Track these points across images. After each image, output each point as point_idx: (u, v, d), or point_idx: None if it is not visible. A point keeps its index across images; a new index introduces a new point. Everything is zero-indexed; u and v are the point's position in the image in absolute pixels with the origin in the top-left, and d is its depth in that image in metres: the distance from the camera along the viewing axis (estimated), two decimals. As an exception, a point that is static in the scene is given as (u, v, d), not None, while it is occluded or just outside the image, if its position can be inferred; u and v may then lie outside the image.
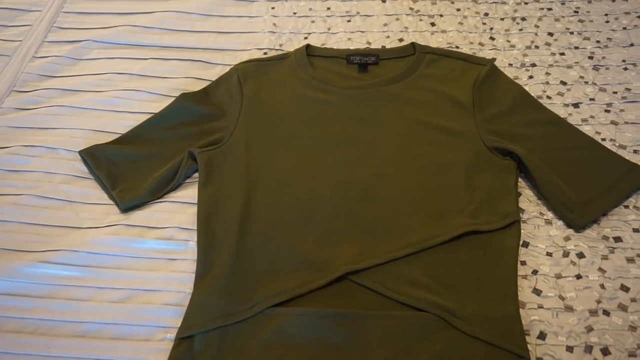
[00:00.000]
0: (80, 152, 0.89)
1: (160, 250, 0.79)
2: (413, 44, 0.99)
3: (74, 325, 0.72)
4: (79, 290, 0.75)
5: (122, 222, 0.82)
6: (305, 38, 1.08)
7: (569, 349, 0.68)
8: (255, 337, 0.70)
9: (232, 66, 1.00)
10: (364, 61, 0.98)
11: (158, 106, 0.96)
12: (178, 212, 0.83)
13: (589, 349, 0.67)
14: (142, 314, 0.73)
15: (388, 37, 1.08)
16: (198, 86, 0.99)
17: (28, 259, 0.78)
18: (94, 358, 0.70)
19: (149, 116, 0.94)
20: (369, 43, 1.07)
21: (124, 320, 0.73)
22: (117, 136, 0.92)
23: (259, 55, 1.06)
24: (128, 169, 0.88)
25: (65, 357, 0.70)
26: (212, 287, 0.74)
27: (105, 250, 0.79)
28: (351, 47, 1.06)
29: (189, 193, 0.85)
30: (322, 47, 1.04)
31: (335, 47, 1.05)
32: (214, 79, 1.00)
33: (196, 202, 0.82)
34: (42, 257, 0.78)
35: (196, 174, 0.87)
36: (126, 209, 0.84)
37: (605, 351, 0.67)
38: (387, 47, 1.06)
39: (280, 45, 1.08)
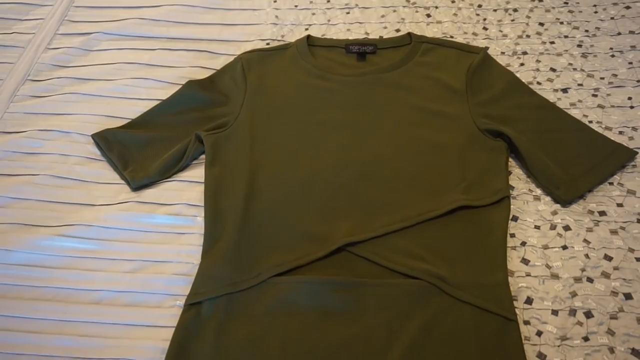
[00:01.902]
0: (93, 136, 0.94)
1: (169, 225, 0.84)
2: (409, 34, 1.03)
3: (88, 293, 0.77)
4: (93, 262, 0.80)
5: (134, 199, 0.86)
6: (306, 29, 1.13)
7: (554, 312, 0.72)
8: (259, 304, 0.74)
9: (236, 56, 1.05)
10: (363, 50, 1.02)
11: (166, 93, 1.00)
12: (186, 190, 0.88)
13: (573, 312, 0.72)
14: (153, 283, 0.78)
15: (385, 27, 1.12)
16: (204, 75, 1.04)
17: (45, 232, 0.83)
18: (108, 322, 0.74)
19: (157, 102, 0.99)
20: (367, 33, 1.12)
21: (136, 288, 0.77)
22: (127, 121, 0.97)
23: (261, 45, 1.10)
24: (138, 151, 0.92)
25: (80, 321, 0.74)
26: (218, 258, 0.78)
27: (118, 225, 0.83)
28: (350, 38, 1.10)
29: (196, 173, 0.90)
30: (322, 37, 1.09)
31: (334, 38, 1.10)
32: (219, 68, 1.04)
33: (203, 181, 0.87)
34: (59, 231, 0.83)
35: (202, 156, 0.92)
36: (137, 187, 0.88)
37: (588, 314, 0.71)
38: (384, 37, 1.10)
39: (282, 36, 1.12)
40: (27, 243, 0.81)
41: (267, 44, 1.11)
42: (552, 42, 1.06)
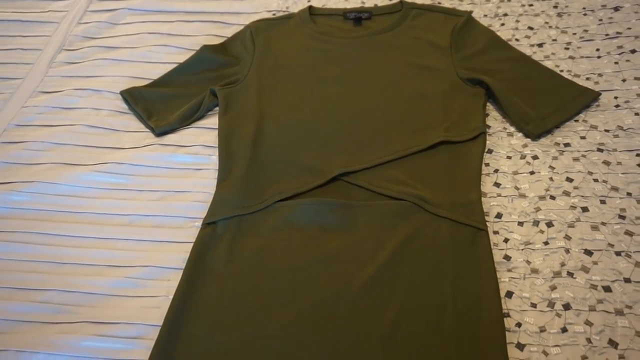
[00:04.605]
0: (121, 92, 1.08)
1: (188, 162, 0.97)
2: (401, 2, 1.15)
3: (120, 217, 0.90)
4: (124, 193, 0.93)
5: (157, 142, 1.00)
6: (309, 0, 1.25)
7: (520, 224, 0.83)
8: (266, 222, 0.86)
9: (245, 25, 1.17)
10: (359, 16, 1.14)
11: (184, 57, 1.13)
12: (202, 134, 1.01)
13: (536, 223, 0.82)
14: (175, 208, 0.90)
15: (380, -3, 1.24)
16: (217, 42, 1.16)
17: (83, 169, 0.96)
18: (138, 239, 0.87)
19: (176, 65, 1.12)
20: (363, 2, 1.24)
21: (160, 213, 0.90)
22: (150, 81, 1.10)
23: (268, 16, 1.23)
24: (160, 104, 1.06)
25: (114, 238, 0.87)
26: (231, 187, 0.90)
27: (145, 163, 0.97)
28: (348, 7, 1.22)
29: (211, 121, 1.03)
30: (323, 7, 1.21)
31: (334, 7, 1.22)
32: (230, 36, 1.17)
33: (217, 127, 1.00)
34: (94, 168, 0.96)
35: (216, 108, 1.05)
36: (160, 133, 1.01)
37: (549, 224, 0.82)
38: (378, 5, 1.22)
39: (287, 7, 1.25)
40: (68, 178, 0.95)
41: (273, 14, 1.23)
42: (531, 5, 1.16)
